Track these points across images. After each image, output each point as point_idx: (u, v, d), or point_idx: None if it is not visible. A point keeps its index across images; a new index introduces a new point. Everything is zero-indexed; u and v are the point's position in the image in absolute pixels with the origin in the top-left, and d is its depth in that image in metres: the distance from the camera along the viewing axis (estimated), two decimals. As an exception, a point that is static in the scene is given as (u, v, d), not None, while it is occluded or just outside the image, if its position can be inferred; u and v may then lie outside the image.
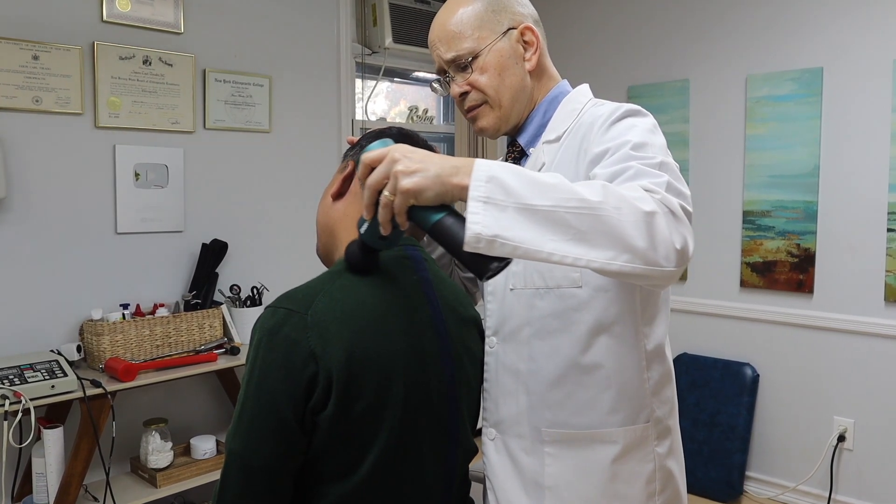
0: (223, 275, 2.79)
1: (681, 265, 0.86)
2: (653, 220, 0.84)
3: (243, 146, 2.91)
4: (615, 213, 0.83)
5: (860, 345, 2.87)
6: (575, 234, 0.82)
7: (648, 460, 1.13)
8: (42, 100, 2.36)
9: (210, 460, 2.52)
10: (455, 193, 0.86)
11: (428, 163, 0.86)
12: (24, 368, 2.11)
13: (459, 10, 1.18)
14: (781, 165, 3.03)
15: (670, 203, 0.87)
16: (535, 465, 1.13)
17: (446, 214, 0.88)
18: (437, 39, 1.19)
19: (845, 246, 2.88)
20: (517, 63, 1.19)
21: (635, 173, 0.94)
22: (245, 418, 1.00)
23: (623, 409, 1.11)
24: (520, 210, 0.82)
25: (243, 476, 1.01)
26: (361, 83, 3.44)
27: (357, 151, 1.18)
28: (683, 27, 3.32)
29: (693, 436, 3.19)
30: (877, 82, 2.78)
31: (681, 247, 0.85)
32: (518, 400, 1.15)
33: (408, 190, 0.86)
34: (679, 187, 0.93)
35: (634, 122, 1.06)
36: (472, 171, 0.85)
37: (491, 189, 0.83)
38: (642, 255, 0.83)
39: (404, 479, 1.07)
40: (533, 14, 1.23)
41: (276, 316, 1.01)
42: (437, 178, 0.85)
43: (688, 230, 0.88)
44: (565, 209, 0.82)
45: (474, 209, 0.83)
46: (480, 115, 1.21)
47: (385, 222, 0.90)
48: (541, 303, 1.12)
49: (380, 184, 0.89)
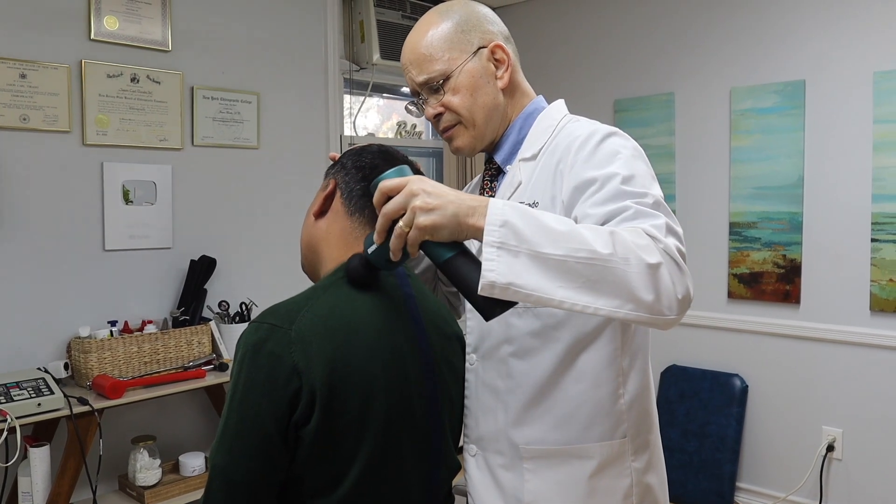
0: (211, 291, 2.78)
1: (682, 313, 0.90)
2: (657, 272, 0.88)
3: (231, 163, 2.92)
4: (623, 265, 0.87)
5: (847, 354, 2.88)
6: (584, 283, 0.86)
7: (625, 475, 1.13)
8: (29, 118, 2.37)
9: (199, 477, 2.51)
10: (469, 233, 0.90)
11: (445, 201, 0.89)
12: (10, 387, 2.10)
13: (429, 32, 1.18)
14: (766, 177, 3.06)
15: (672, 252, 0.91)
16: (515, 482, 1.14)
17: (457, 253, 0.92)
18: (408, 62, 1.20)
19: (831, 256, 2.91)
20: (489, 82, 1.19)
21: (634, 214, 0.96)
22: (229, 433, 1.01)
23: (599, 425, 1.12)
24: (532, 257, 0.86)
25: (226, 491, 1.01)
26: (349, 99, 3.46)
27: (338, 170, 1.19)
28: (668, 42, 3.36)
29: (683, 447, 3.20)
30: (858, 94, 2.81)
31: (682, 296, 0.90)
32: (497, 417, 1.16)
33: (425, 227, 0.89)
34: (675, 227, 0.97)
35: (617, 148, 1.06)
36: (487, 214, 0.88)
37: (505, 234, 0.86)
38: (647, 306, 0.88)
39: (387, 494, 1.07)
40: (503, 31, 1.23)
41: (259, 331, 1.02)
42: (453, 217, 0.89)
43: (688, 277, 0.92)
44: (576, 259, 0.86)
45: (489, 255, 0.86)
46: (455, 136, 1.21)
47: (396, 250, 0.93)
48: (519, 321, 1.13)
49: (396, 213, 0.92)
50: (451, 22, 1.18)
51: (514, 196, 1.17)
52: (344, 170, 1.18)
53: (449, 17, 1.18)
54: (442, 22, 1.18)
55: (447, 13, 1.19)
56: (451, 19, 1.18)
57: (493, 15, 1.24)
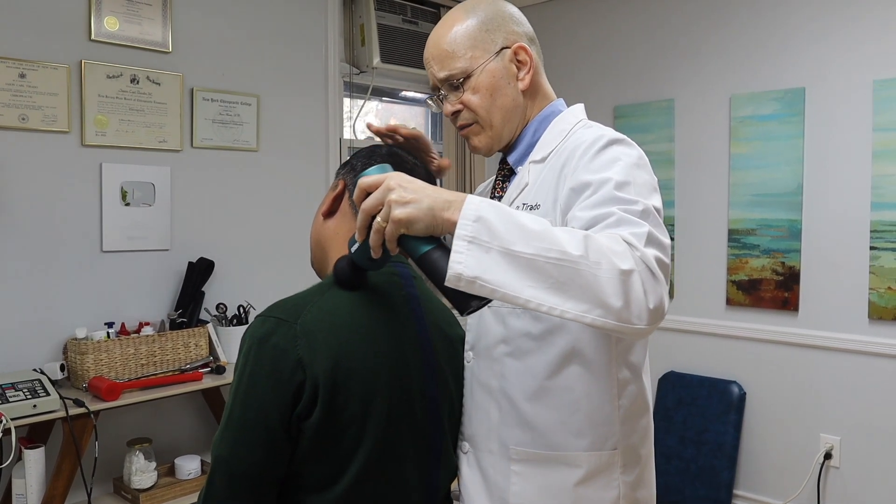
0: (209, 293, 2.78)
1: (653, 324, 0.88)
2: (629, 279, 0.85)
3: (231, 165, 2.91)
4: (594, 269, 0.85)
5: (845, 362, 2.88)
6: (553, 284, 0.85)
7: (612, 487, 1.12)
8: (28, 118, 2.36)
9: (195, 480, 2.50)
10: (445, 227, 0.89)
11: (422, 195, 0.89)
12: (6, 388, 2.09)
13: (454, 29, 1.17)
14: (766, 184, 3.06)
15: (648, 261, 0.88)
16: (503, 483, 1.14)
17: (434, 247, 0.91)
18: (430, 57, 1.19)
19: (829, 264, 2.91)
20: (510, 83, 1.18)
21: (617, 221, 0.94)
22: (232, 425, 1.02)
23: (590, 434, 1.11)
24: (503, 254, 0.85)
25: (228, 483, 1.02)
26: (349, 102, 3.46)
27: (348, 171, 1.20)
28: (669, 48, 3.36)
29: (681, 453, 3.19)
30: (858, 102, 2.82)
31: (654, 306, 0.87)
32: (490, 416, 1.15)
33: (400, 220, 0.88)
34: (659, 238, 0.94)
35: (618, 155, 1.05)
36: (462, 208, 0.87)
37: (477, 229, 0.85)
38: (616, 313, 0.85)
39: (386, 493, 1.08)
40: (528, 32, 1.22)
41: (265, 325, 1.03)
42: (429, 210, 0.88)
43: (663, 288, 0.89)
44: (545, 259, 0.85)
45: (459, 248, 0.85)
46: (472, 134, 1.21)
47: (376, 246, 0.93)
48: (516, 321, 1.12)
49: (374, 209, 0.91)
50: (476, 20, 1.17)
51: (520, 197, 1.17)
52: (353, 171, 1.19)
53: (475, 15, 1.18)
54: (467, 19, 1.18)
55: (473, 10, 1.19)
56: (477, 17, 1.18)
57: (520, 15, 1.23)
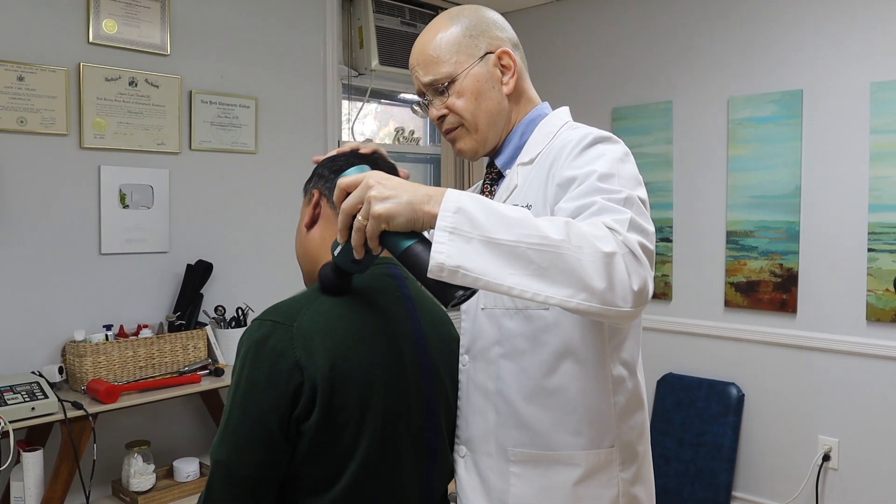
0: (208, 296, 2.78)
1: (638, 306, 0.87)
2: (612, 260, 0.86)
3: (229, 167, 2.91)
4: (575, 252, 0.85)
5: (843, 364, 2.88)
6: (535, 270, 0.84)
7: (612, 485, 1.13)
8: (27, 120, 2.36)
9: (193, 483, 2.49)
10: (425, 221, 0.89)
11: (401, 190, 0.89)
12: (4, 390, 2.09)
13: (438, 35, 1.20)
14: (764, 186, 3.06)
15: (630, 244, 0.89)
16: (502, 485, 1.14)
17: (416, 242, 0.91)
18: (416, 63, 1.22)
19: (827, 266, 2.91)
20: (494, 87, 1.20)
21: (599, 209, 0.95)
22: (231, 428, 1.03)
23: (586, 433, 1.11)
24: (484, 243, 0.85)
25: (228, 485, 1.03)
26: (348, 105, 3.46)
27: (317, 181, 1.21)
28: (666, 51, 3.37)
29: (679, 455, 3.19)
30: (855, 104, 2.82)
31: (638, 288, 0.87)
32: (487, 418, 1.16)
33: (380, 215, 0.88)
34: (642, 224, 0.95)
35: (603, 151, 1.07)
36: (442, 201, 0.87)
37: (458, 220, 0.86)
38: (599, 295, 0.85)
39: (384, 494, 1.09)
40: (512, 38, 1.25)
41: (262, 328, 1.04)
42: (408, 204, 0.88)
43: (647, 271, 0.90)
44: (527, 245, 0.85)
45: (440, 238, 0.85)
46: (458, 138, 1.23)
47: (358, 246, 0.93)
48: (510, 323, 1.13)
49: (354, 208, 0.92)
50: (460, 26, 1.20)
51: (510, 199, 1.18)
52: (322, 179, 1.21)
53: (458, 22, 1.20)
54: (451, 26, 1.20)
55: (457, 17, 1.21)
56: (461, 24, 1.20)
57: (503, 21, 1.26)
